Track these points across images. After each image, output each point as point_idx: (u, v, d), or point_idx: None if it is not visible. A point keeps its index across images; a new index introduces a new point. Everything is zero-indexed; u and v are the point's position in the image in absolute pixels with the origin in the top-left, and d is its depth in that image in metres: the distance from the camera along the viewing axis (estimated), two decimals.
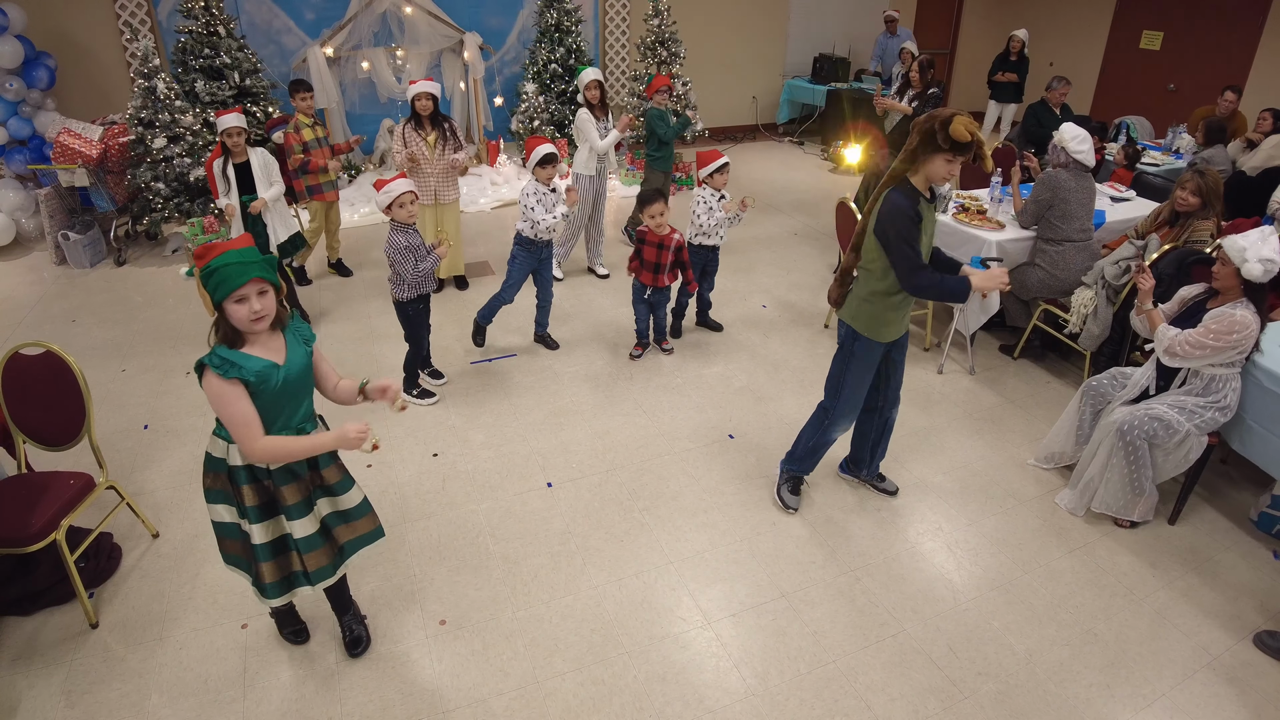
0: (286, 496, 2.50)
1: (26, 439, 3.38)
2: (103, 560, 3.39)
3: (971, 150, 2.88)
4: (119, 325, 5.64)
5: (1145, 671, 2.98)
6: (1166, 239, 4.52)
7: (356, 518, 2.70)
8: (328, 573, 2.69)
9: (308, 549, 2.60)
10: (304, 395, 2.49)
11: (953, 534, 3.65)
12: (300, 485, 2.53)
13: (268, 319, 2.33)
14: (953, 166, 2.95)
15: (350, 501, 2.67)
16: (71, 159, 6.39)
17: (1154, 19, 10.12)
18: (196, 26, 7.05)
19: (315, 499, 2.59)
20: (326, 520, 2.64)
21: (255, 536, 2.54)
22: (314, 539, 2.61)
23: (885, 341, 3.36)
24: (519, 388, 4.80)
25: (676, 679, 2.90)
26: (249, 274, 2.23)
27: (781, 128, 11.67)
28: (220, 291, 2.23)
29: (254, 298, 2.27)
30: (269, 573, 2.61)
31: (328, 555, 2.67)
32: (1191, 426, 3.46)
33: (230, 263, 2.22)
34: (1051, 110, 7.72)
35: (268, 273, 2.30)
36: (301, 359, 2.43)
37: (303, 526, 2.56)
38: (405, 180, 4.18)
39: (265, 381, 2.31)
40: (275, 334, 2.41)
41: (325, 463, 2.58)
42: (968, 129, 2.82)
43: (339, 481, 2.62)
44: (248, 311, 2.26)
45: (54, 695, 2.83)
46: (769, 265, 6.72)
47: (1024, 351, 5.19)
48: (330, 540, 2.67)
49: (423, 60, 8.89)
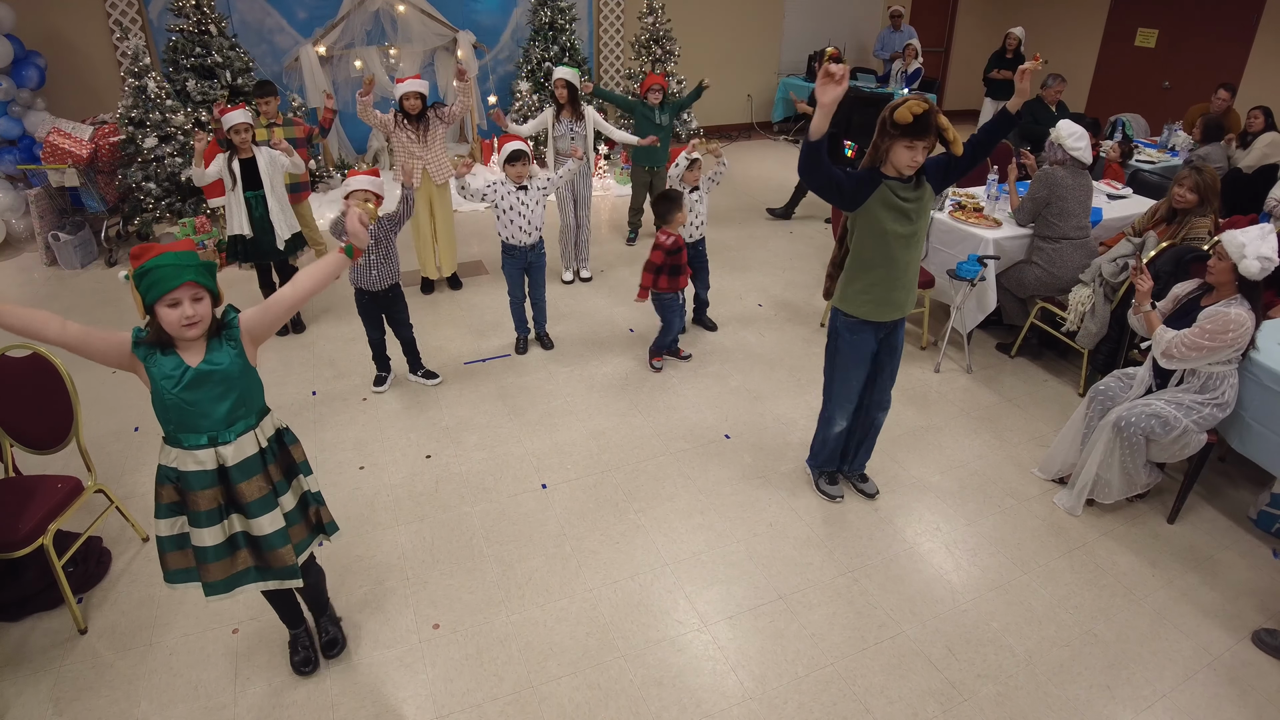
0: (198, 502, 2.37)
1: (13, 442, 3.34)
2: (91, 565, 3.35)
3: (926, 130, 2.87)
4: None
5: (1146, 672, 2.96)
6: (1164, 236, 4.50)
7: (266, 547, 2.50)
8: (220, 588, 2.50)
9: (210, 558, 2.44)
10: (221, 400, 2.30)
11: (951, 534, 3.62)
12: (210, 495, 2.38)
13: (201, 325, 2.22)
14: (914, 152, 2.93)
15: (260, 528, 2.46)
16: (62, 159, 6.34)
17: (1149, 17, 10.11)
18: (188, 25, 6.98)
19: (227, 513, 2.44)
20: (235, 539, 2.48)
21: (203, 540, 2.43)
22: (220, 549, 2.45)
23: (870, 320, 3.31)
24: (513, 388, 4.76)
25: (673, 683, 2.87)
26: (184, 276, 2.14)
27: (777, 126, 11.64)
28: (152, 293, 2.14)
29: (187, 302, 2.17)
30: (172, 560, 2.49)
31: (225, 571, 2.49)
32: (1189, 422, 3.43)
33: (165, 264, 2.13)
34: (1047, 108, 7.70)
35: (204, 277, 2.20)
36: (222, 358, 2.28)
37: (211, 535, 2.41)
38: (367, 178, 4.13)
39: (166, 380, 2.22)
40: (204, 342, 2.30)
41: (238, 477, 2.38)
42: (910, 110, 2.82)
43: (252, 501, 2.43)
44: (179, 316, 2.15)
45: (42, 702, 2.79)
46: (764, 264, 6.69)
47: (1021, 350, 5.17)
48: (230, 558, 2.50)
49: (416, 59, 8.84)
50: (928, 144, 2.93)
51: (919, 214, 3.12)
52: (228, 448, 2.35)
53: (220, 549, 2.45)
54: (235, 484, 2.39)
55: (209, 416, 2.31)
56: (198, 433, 2.31)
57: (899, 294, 3.27)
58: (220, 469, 2.37)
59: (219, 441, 2.34)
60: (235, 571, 2.51)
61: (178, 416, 2.28)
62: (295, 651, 2.91)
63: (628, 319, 5.58)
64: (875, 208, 3.07)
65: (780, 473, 4.00)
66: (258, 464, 2.42)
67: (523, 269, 4.92)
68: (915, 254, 3.22)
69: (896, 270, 3.20)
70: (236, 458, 2.37)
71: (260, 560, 2.53)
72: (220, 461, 2.36)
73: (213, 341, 2.31)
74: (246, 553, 2.51)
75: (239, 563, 2.51)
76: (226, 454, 2.35)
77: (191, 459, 2.32)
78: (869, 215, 3.09)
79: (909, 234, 3.12)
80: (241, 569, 2.52)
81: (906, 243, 3.14)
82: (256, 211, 5.00)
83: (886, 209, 3.06)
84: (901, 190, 3.05)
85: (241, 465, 2.38)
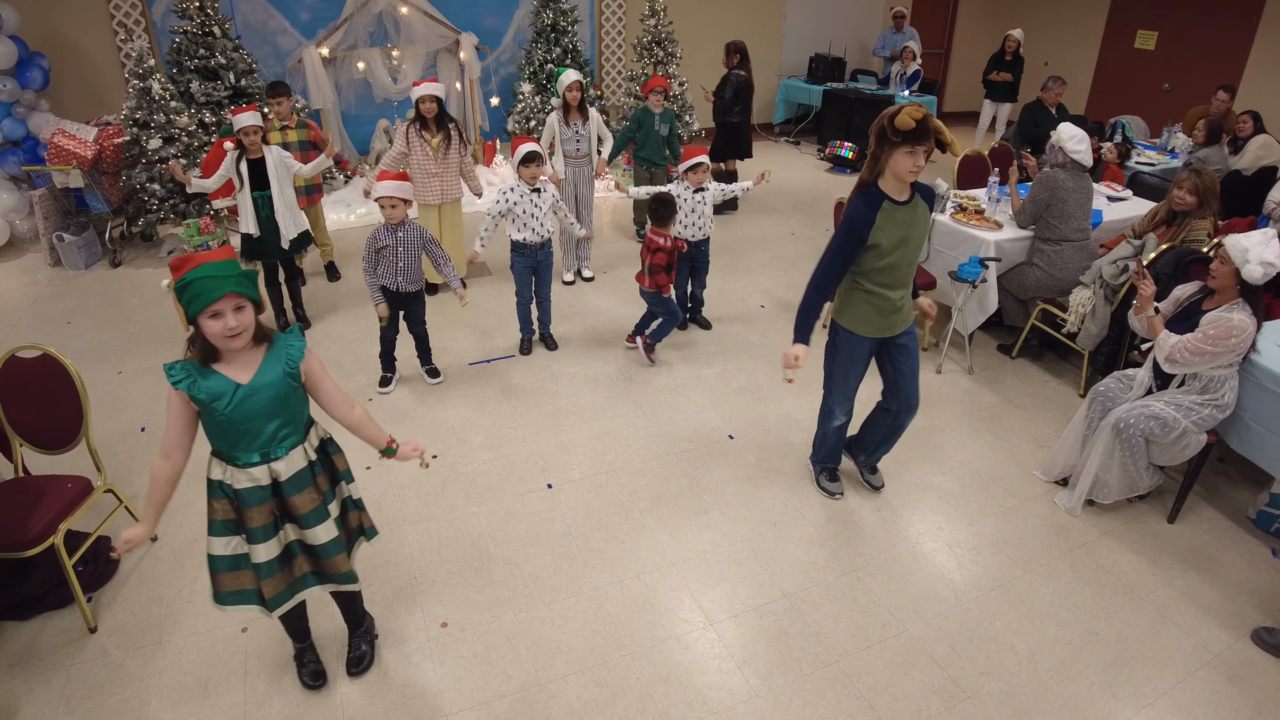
0: (254, 518, 2.39)
1: (23, 442, 3.36)
2: (101, 564, 3.37)
3: (926, 135, 2.91)
4: (115, 327, 5.62)
5: (1146, 670, 2.99)
6: (1164, 238, 4.53)
7: (324, 555, 2.55)
8: (284, 598, 2.55)
9: (267, 574, 2.47)
10: (271, 418, 2.32)
11: (953, 533, 3.65)
12: (266, 509, 2.41)
13: (244, 336, 2.22)
14: (916, 157, 2.97)
15: (315, 538, 2.51)
16: (66, 160, 6.36)
17: (1148, 19, 10.15)
18: (191, 27, 7.01)
19: (281, 524, 2.47)
20: (290, 547, 2.52)
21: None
22: (273, 564, 2.47)
23: (865, 336, 3.38)
24: (518, 389, 4.79)
25: (679, 680, 2.89)
26: (225, 288, 2.13)
27: (778, 128, 11.67)
28: (194, 306, 2.13)
29: (229, 313, 2.16)
30: (225, 581, 2.49)
31: (284, 582, 2.54)
32: (1189, 423, 3.46)
33: (206, 276, 2.13)
34: (1047, 110, 7.73)
35: (245, 288, 2.20)
36: (274, 379, 2.29)
37: (266, 550, 2.44)
38: (395, 184, 4.25)
39: (217, 400, 2.22)
40: (256, 350, 2.31)
41: (291, 491, 2.41)
42: (911, 116, 2.86)
43: (307, 513, 2.46)
44: (222, 327, 2.16)
45: (53, 701, 2.81)
46: (766, 265, 6.72)
47: (1022, 351, 5.20)
48: (288, 568, 2.54)
49: (418, 61, 8.87)
50: (928, 149, 2.97)
51: (914, 231, 3.17)
52: (280, 463, 2.37)
53: (275, 563, 2.47)
54: (288, 497, 2.41)
55: (260, 434, 2.32)
56: (250, 450, 2.33)
57: (894, 317, 3.34)
58: (274, 483, 2.39)
59: (271, 457, 2.36)
60: (294, 579, 2.55)
61: (231, 435, 2.29)
62: (303, 665, 2.89)
63: (631, 320, 5.59)
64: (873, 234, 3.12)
65: (783, 472, 4.03)
66: (308, 477, 2.45)
67: (531, 268, 4.96)
68: (910, 270, 3.28)
69: (889, 290, 3.26)
70: (288, 472, 2.38)
71: (317, 566, 2.57)
72: (274, 477, 2.37)
73: (269, 355, 2.32)
74: (303, 559, 2.55)
75: (295, 570, 2.55)
76: (279, 469, 2.37)
77: (245, 476, 2.34)
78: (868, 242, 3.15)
79: (905, 249, 3.17)
80: (299, 575, 2.56)
81: (902, 259, 3.19)
82: (263, 212, 5.02)
83: (883, 229, 3.11)
84: (898, 212, 3.10)
85: (293, 479, 2.40)
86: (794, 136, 11.33)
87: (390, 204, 4.25)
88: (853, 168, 9.61)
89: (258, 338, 2.30)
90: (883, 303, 3.28)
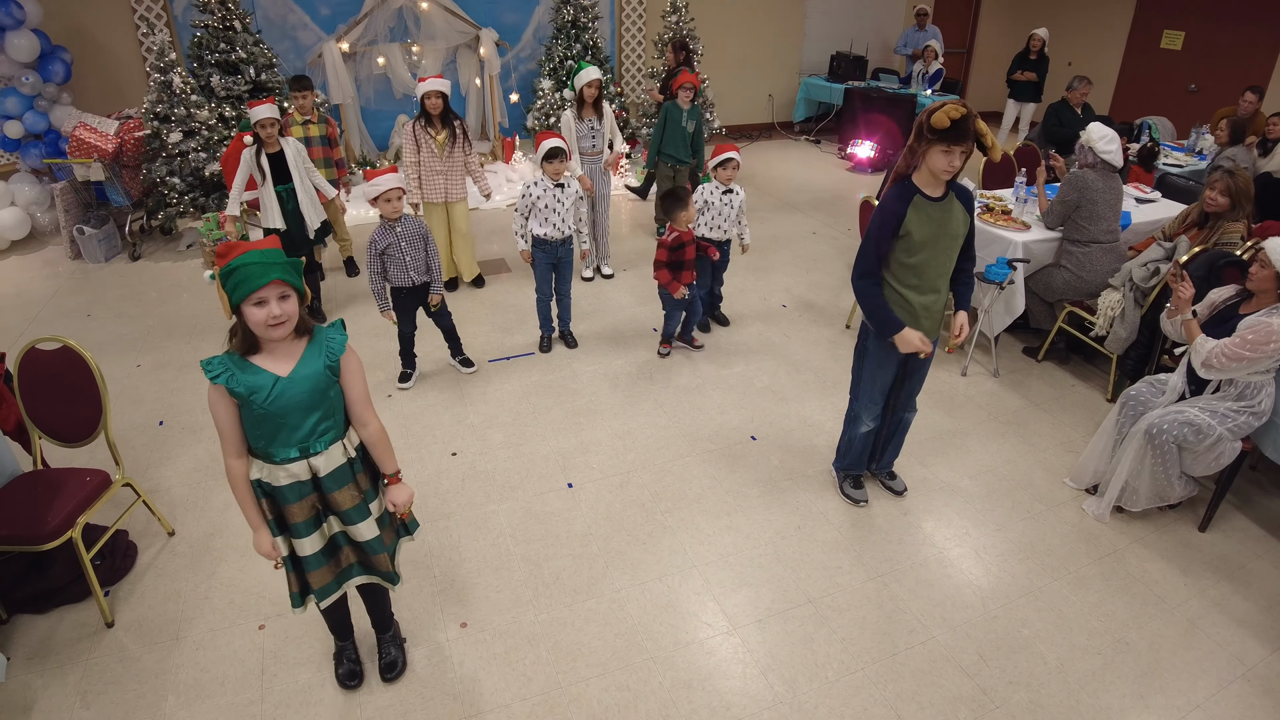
0: (295, 513, 2.38)
1: (42, 435, 3.35)
2: (118, 558, 3.36)
3: (964, 135, 2.84)
4: (133, 320, 5.62)
5: (1179, 682, 2.92)
6: (1196, 241, 4.44)
7: (369, 551, 2.54)
8: (331, 589, 2.56)
9: (314, 565, 2.48)
10: (310, 412, 2.28)
11: (980, 539, 3.58)
12: (307, 504, 2.39)
13: (287, 325, 2.18)
14: (951, 157, 2.90)
15: (359, 535, 2.49)
16: (87, 153, 6.37)
17: (1175, 18, 10.02)
18: (212, 21, 7.00)
19: (325, 517, 2.47)
20: (335, 539, 2.52)
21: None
22: (320, 556, 2.48)
23: None
24: (538, 386, 4.75)
25: (703, 685, 2.84)
26: (270, 275, 2.09)
27: (798, 126, 11.60)
28: (239, 293, 2.10)
29: (274, 301, 2.12)
30: (294, 583, 2.53)
31: (331, 573, 2.55)
32: (1224, 430, 3.38)
33: (251, 262, 2.09)
34: (1073, 110, 7.64)
35: (291, 276, 2.16)
36: (314, 371, 2.25)
37: (311, 543, 2.43)
38: (395, 175, 4.21)
39: (255, 393, 2.17)
40: (297, 342, 2.26)
41: (331, 486, 2.39)
42: (948, 114, 2.80)
43: (349, 509, 2.44)
44: (265, 315, 2.11)
45: (69, 695, 2.79)
46: (788, 265, 6.66)
47: (1048, 354, 5.12)
48: (335, 559, 2.55)
49: (438, 56, 8.85)
50: (965, 149, 2.90)
51: (946, 226, 3.08)
52: (319, 458, 2.33)
53: (320, 555, 2.47)
54: (329, 493, 2.39)
55: (299, 429, 2.28)
56: (288, 445, 2.29)
57: (926, 322, 3.26)
58: (313, 478, 2.36)
59: (310, 452, 2.32)
60: (341, 569, 2.57)
61: (269, 429, 2.25)
62: (340, 664, 2.86)
63: (651, 318, 5.56)
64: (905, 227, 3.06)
65: (807, 475, 3.97)
66: (348, 473, 2.40)
67: (551, 264, 4.93)
68: (945, 270, 3.20)
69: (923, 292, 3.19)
70: (328, 467, 2.35)
71: (363, 558, 2.58)
72: (313, 472, 2.34)
73: (310, 348, 2.28)
74: (349, 550, 2.55)
75: (343, 560, 2.56)
76: (318, 464, 2.34)
77: (284, 472, 2.30)
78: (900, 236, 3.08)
79: (938, 247, 3.10)
80: (345, 565, 2.57)
81: (935, 258, 3.11)
82: (288, 205, 5.01)
83: (915, 223, 3.04)
84: (931, 208, 3.04)
85: (333, 475, 2.37)
86: (814, 135, 11.25)
87: (395, 196, 4.20)
88: (872, 168, 9.52)
89: (300, 330, 2.26)
90: (911, 306, 3.21)
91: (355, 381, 2.39)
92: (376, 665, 2.89)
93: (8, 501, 3.04)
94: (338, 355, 2.31)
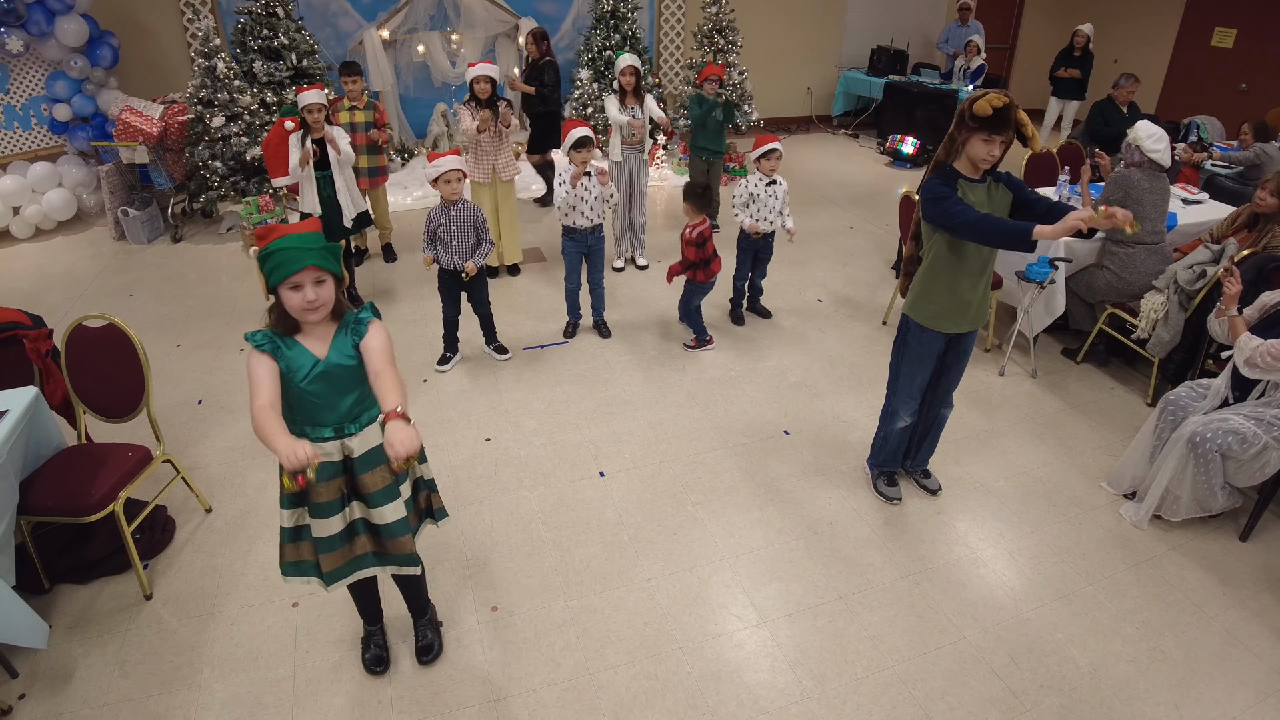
0: (320, 493, 2.36)
1: (87, 410, 3.42)
2: (157, 533, 3.42)
3: (1005, 124, 2.82)
4: (174, 301, 5.71)
5: (1215, 693, 2.86)
6: (1245, 243, 4.35)
7: (387, 535, 2.49)
8: (342, 574, 2.52)
9: (326, 548, 2.45)
10: (346, 393, 2.30)
11: (1014, 541, 3.54)
12: (334, 485, 2.37)
13: (323, 309, 2.20)
14: (991, 146, 2.88)
15: (382, 518, 2.45)
16: (133, 136, 6.48)
17: (1227, 16, 9.77)
18: (256, 8, 7.08)
19: (348, 502, 2.44)
20: (354, 525, 2.49)
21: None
22: (334, 540, 2.44)
23: (940, 331, 3.28)
24: (571, 375, 4.76)
25: (730, 678, 2.84)
26: (306, 260, 2.11)
27: (836, 120, 11.51)
28: (276, 275, 2.13)
29: (309, 286, 2.15)
30: (287, 553, 2.49)
31: (343, 558, 2.51)
32: (1270, 439, 3.30)
33: (289, 247, 2.11)
34: (1118, 108, 7.50)
35: (327, 261, 2.17)
36: (344, 355, 2.26)
37: (327, 525, 2.41)
38: (456, 158, 4.28)
39: (295, 372, 2.20)
40: (331, 325, 2.28)
41: (362, 468, 2.38)
42: (990, 102, 2.79)
43: (376, 491, 2.41)
44: (301, 300, 2.14)
45: (109, 664, 2.86)
46: (824, 259, 6.61)
47: (1088, 356, 5.03)
48: (349, 545, 2.51)
49: (477, 45, 8.88)
50: (1006, 139, 2.88)
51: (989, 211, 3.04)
52: (354, 439, 2.34)
53: (337, 538, 2.44)
54: (358, 475, 2.38)
55: (335, 410, 2.30)
56: (323, 425, 2.30)
57: (971, 312, 3.24)
58: (345, 459, 2.36)
59: (345, 433, 2.33)
60: (353, 557, 2.52)
61: (306, 408, 2.27)
62: (367, 649, 2.88)
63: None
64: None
65: (840, 471, 3.95)
66: (381, 454, 2.37)
67: (582, 253, 4.95)
68: (988, 258, 3.15)
69: (969, 280, 3.16)
70: (362, 449, 2.36)
71: (379, 547, 2.53)
72: (346, 453, 2.35)
73: (339, 331, 2.29)
74: (365, 538, 2.51)
75: (357, 548, 2.51)
76: (352, 445, 2.34)
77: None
78: None
79: None
80: (359, 554, 2.52)
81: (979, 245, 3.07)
82: (324, 191, 5.06)
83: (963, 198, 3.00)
84: (970, 190, 3.00)
85: (365, 456, 2.37)
86: (853, 129, 11.15)
87: (455, 178, 4.26)
88: (913, 163, 9.42)
89: (335, 313, 2.27)
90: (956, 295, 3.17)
91: (374, 357, 2.24)
92: (411, 648, 2.91)
93: (54, 474, 3.11)
94: (364, 330, 2.30)
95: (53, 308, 5.48)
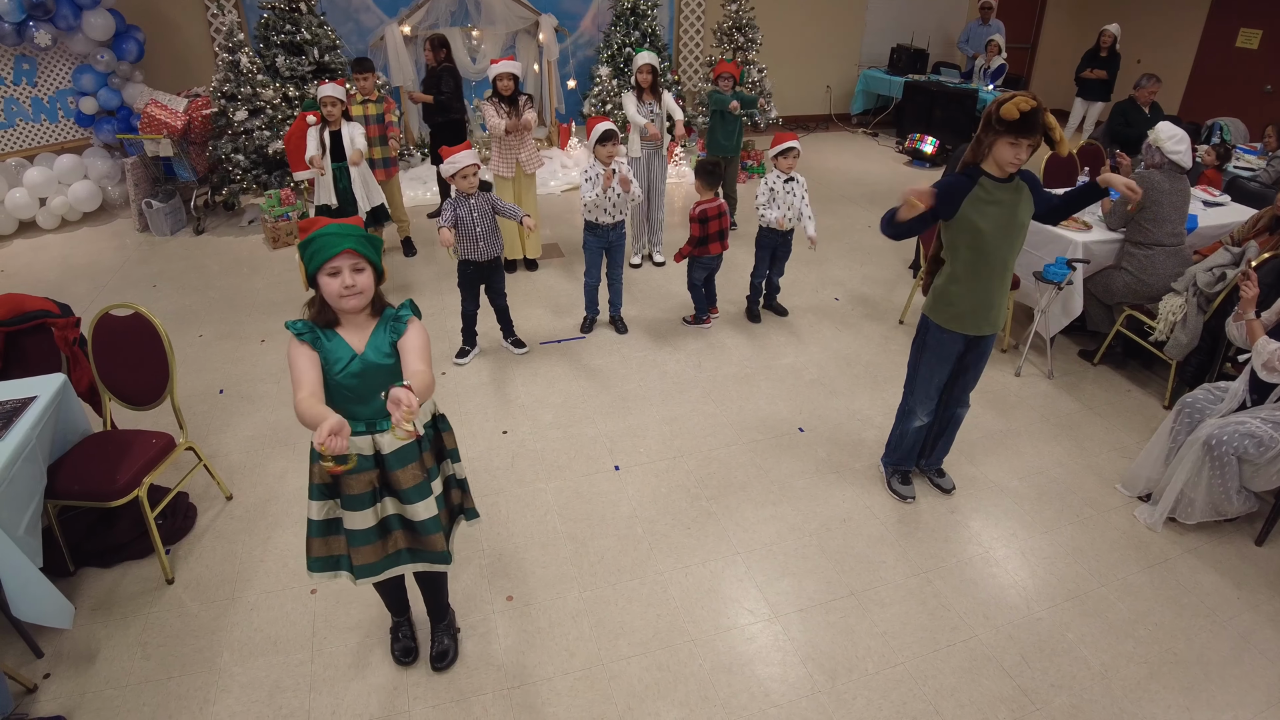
0: (352, 486, 2.35)
1: (112, 397, 3.48)
2: (179, 519, 3.48)
3: (1033, 128, 2.82)
4: (197, 292, 5.78)
5: (1227, 696, 2.85)
6: (1266, 247, 4.32)
7: (422, 532, 2.48)
8: (375, 569, 2.50)
9: (360, 541, 2.43)
10: (378, 390, 2.20)
11: (1027, 540, 3.54)
12: (365, 479, 2.36)
13: (362, 297, 2.21)
14: (1018, 150, 2.88)
15: (415, 514, 2.44)
16: (158, 129, 6.56)
17: (1252, 16, 9.67)
18: (279, 3, 7.14)
19: (380, 496, 2.42)
20: (388, 521, 2.47)
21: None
22: (369, 534, 2.43)
23: (958, 332, 3.29)
24: (588, 370, 4.80)
25: (742, 671, 2.87)
26: (344, 244, 2.14)
27: (855, 118, 11.48)
28: (314, 262, 2.16)
29: (347, 271, 2.16)
30: (316, 548, 2.47)
31: (377, 554, 2.49)
32: None
33: (328, 233, 2.15)
34: (1140, 109, 7.45)
35: (365, 248, 2.20)
36: (382, 351, 2.28)
37: (361, 519, 2.40)
38: (471, 152, 4.32)
39: (333, 364, 2.21)
40: (371, 320, 2.30)
41: (394, 464, 2.36)
42: (1018, 106, 2.79)
43: (409, 489, 2.40)
44: (339, 285, 2.16)
45: (131, 646, 2.92)
46: (842, 258, 6.61)
47: (1105, 357, 5.02)
48: (383, 541, 2.49)
49: (498, 41, 8.91)
50: (1033, 143, 2.88)
51: (1014, 212, 3.05)
52: (385, 436, 2.33)
53: (371, 532, 2.43)
54: (390, 470, 2.37)
55: (368, 405, 2.30)
56: (356, 420, 2.29)
57: (992, 314, 3.25)
58: (376, 455, 2.36)
59: (377, 429, 2.33)
60: (388, 554, 2.50)
61: (339, 400, 2.27)
62: (396, 640, 2.89)
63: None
64: (968, 209, 3.03)
65: (854, 469, 3.96)
66: (414, 451, 2.39)
67: (603, 248, 4.98)
68: (1009, 259, 3.15)
69: (990, 283, 3.17)
70: (393, 445, 2.34)
71: (414, 542, 2.52)
72: (376, 449, 2.34)
73: (378, 327, 2.30)
74: (400, 534, 2.49)
75: (391, 545, 2.49)
76: (383, 442, 2.33)
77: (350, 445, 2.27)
78: (962, 218, 3.05)
79: (1003, 233, 3.06)
80: (394, 551, 2.51)
81: (1000, 244, 3.07)
82: (341, 183, 5.13)
83: (980, 205, 3.01)
84: (997, 189, 3.00)
85: (398, 453, 2.36)
86: (872, 128, 11.12)
87: (471, 173, 4.30)
88: (932, 163, 9.39)
89: (375, 309, 2.30)
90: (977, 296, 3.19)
91: (413, 342, 2.28)
92: (428, 654, 2.89)
93: (79, 459, 3.17)
94: (405, 319, 2.32)
95: (78, 298, 5.56)
